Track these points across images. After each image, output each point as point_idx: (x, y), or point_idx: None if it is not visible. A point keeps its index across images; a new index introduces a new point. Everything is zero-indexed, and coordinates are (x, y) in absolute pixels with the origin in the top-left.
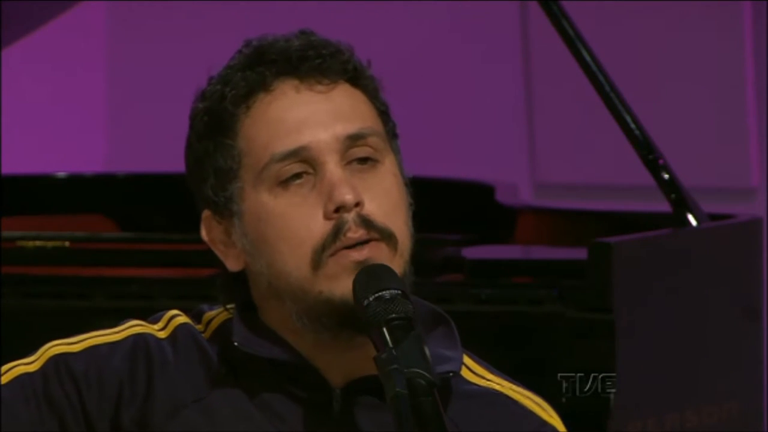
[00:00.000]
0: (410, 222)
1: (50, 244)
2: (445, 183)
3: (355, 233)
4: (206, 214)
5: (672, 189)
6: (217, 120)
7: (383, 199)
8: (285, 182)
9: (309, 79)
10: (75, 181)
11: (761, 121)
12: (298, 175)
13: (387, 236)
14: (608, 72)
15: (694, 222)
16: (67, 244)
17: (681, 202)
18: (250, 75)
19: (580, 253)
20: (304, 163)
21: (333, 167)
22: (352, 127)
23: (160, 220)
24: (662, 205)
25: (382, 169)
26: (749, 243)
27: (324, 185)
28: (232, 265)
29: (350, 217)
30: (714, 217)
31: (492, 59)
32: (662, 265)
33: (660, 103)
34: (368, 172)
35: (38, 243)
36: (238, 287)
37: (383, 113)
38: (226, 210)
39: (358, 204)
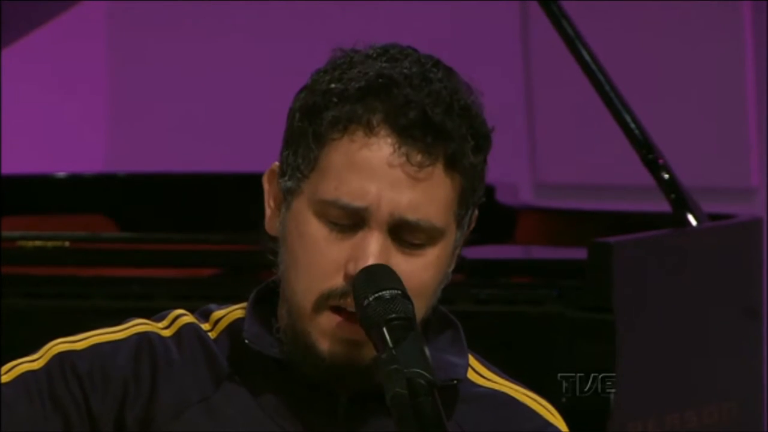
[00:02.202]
0: (435, 296)
1: (50, 244)
2: None
3: None
4: (275, 166)
5: (672, 189)
6: (315, 120)
7: (412, 278)
8: (333, 223)
9: (407, 148)
10: (75, 181)
11: (761, 121)
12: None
13: None
14: (608, 72)
15: (694, 222)
16: (67, 244)
17: (681, 202)
18: (358, 107)
19: (580, 253)
20: (357, 218)
21: (375, 237)
22: (413, 214)
23: (160, 220)
24: (662, 205)
25: (429, 251)
26: (749, 243)
27: (360, 247)
28: (268, 226)
29: None
30: (714, 217)
31: (492, 59)
32: (662, 265)
33: (660, 103)
34: (411, 250)
35: (38, 243)
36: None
37: (469, 190)
38: (285, 189)
39: None
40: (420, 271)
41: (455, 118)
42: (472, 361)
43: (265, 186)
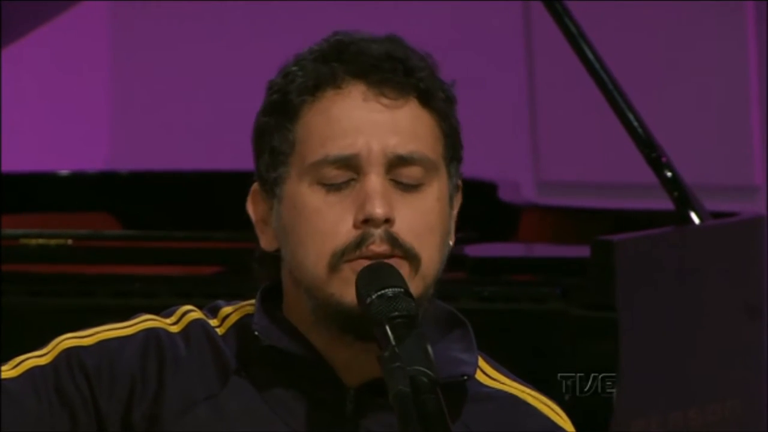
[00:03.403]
0: (444, 249)
1: (53, 241)
2: None
3: (379, 248)
4: (255, 187)
5: (675, 187)
6: (282, 102)
7: (417, 220)
8: (328, 185)
9: (377, 89)
10: (78, 178)
11: (764, 119)
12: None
13: (411, 256)
14: (611, 70)
15: (696, 220)
16: (69, 241)
17: (684, 199)
18: (322, 68)
19: (582, 251)
20: (350, 171)
21: (374, 178)
22: (404, 148)
23: (163, 217)
24: (665, 203)
25: (427, 191)
26: (752, 241)
27: (361, 194)
28: (266, 244)
29: (377, 232)
30: (716, 215)
31: (495, 57)
32: (665, 262)
33: (663, 101)
34: (410, 192)
35: (41, 241)
36: (272, 266)
37: (448, 136)
38: (270, 190)
39: (387, 221)
40: (423, 214)
41: (419, 60)
42: (480, 361)
43: (251, 210)
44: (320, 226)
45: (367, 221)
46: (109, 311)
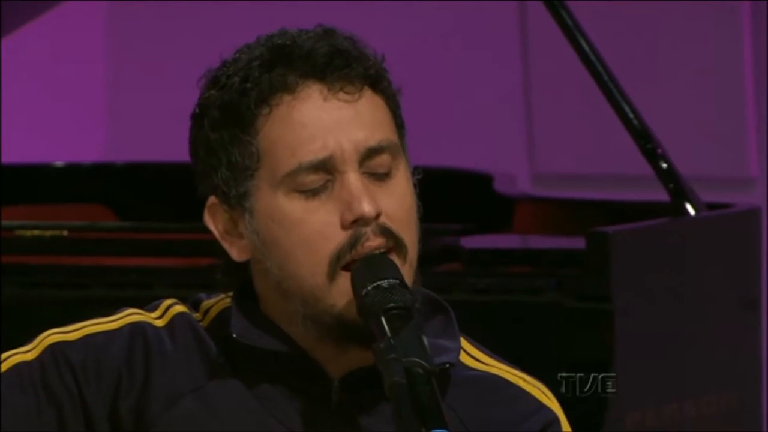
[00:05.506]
0: (418, 226)
1: (48, 233)
2: (444, 172)
3: (374, 242)
4: (212, 200)
5: (670, 178)
6: (235, 114)
7: (398, 206)
8: (306, 191)
9: (335, 86)
10: (73, 170)
11: (760, 111)
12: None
13: (400, 246)
14: (606, 62)
15: (692, 211)
16: (65, 233)
17: (679, 191)
18: (273, 75)
19: (578, 243)
20: (326, 173)
21: (353, 176)
22: (372, 140)
23: (158, 209)
24: (660, 195)
25: (398, 175)
26: (748, 233)
27: (343, 194)
28: (237, 255)
29: (369, 229)
30: (712, 206)
31: (490, 49)
32: (660, 254)
33: (659, 93)
34: (384, 180)
35: (36, 232)
36: (240, 273)
37: (395, 112)
38: (237, 204)
39: (377, 215)
40: (401, 199)
41: (358, 47)
42: (465, 344)
43: (210, 225)
44: (307, 234)
45: (357, 221)
46: (105, 303)
